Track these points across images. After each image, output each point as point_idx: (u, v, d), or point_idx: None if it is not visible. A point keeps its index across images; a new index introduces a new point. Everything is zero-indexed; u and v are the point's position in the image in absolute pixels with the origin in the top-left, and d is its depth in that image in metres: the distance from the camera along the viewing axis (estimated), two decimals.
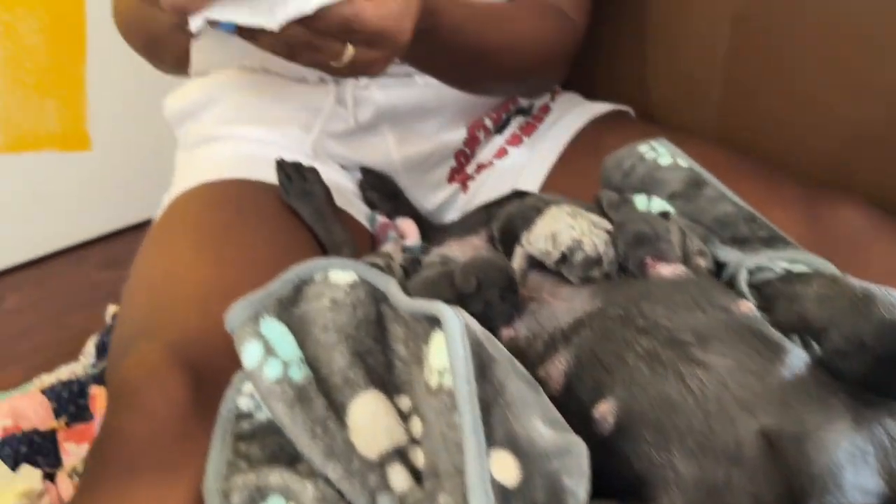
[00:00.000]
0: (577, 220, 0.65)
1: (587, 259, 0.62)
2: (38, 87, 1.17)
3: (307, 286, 0.59)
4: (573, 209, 0.67)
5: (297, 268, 0.60)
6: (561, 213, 0.66)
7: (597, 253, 0.61)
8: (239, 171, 0.82)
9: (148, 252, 0.74)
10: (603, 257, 0.62)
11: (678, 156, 0.74)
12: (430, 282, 0.61)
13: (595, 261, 0.62)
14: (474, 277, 0.58)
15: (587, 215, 0.67)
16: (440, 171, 0.94)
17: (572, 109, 0.95)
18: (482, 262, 0.60)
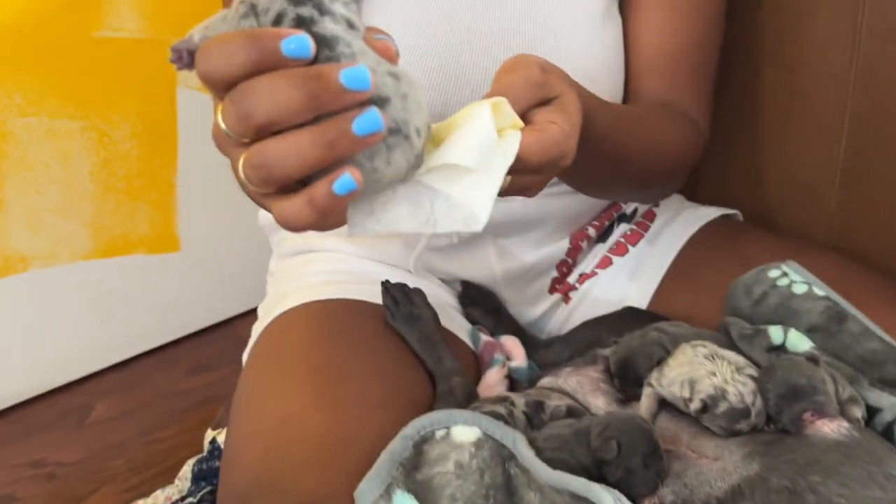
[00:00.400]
0: (717, 363, 0.61)
1: (733, 410, 0.57)
2: (129, 192, 1.18)
3: (429, 445, 0.56)
4: (709, 349, 0.63)
5: (418, 422, 0.57)
6: (697, 356, 0.62)
7: (743, 404, 0.57)
8: (343, 291, 0.80)
9: (255, 387, 0.71)
10: (751, 409, 0.57)
11: (814, 283, 0.69)
12: (563, 440, 0.57)
13: (742, 413, 0.57)
14: (615, 442, 0.54)
15: (725, 355, 0.62)
16: (541, 282, 0.90)
17: (679, 215, 0.91)
18: (622, 422, 0.56)
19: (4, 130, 1.06)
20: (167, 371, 1.21)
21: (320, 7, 0.41)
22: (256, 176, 0.41)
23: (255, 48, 0.39)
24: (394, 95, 0.42)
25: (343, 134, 0.40)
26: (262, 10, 0.41)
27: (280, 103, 0.39)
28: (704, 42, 0.84)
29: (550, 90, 0.52)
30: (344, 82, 0.39)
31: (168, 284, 1.26)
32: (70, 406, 1.14)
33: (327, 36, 0.41)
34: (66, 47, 1.09)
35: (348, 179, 0.40)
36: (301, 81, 0.39)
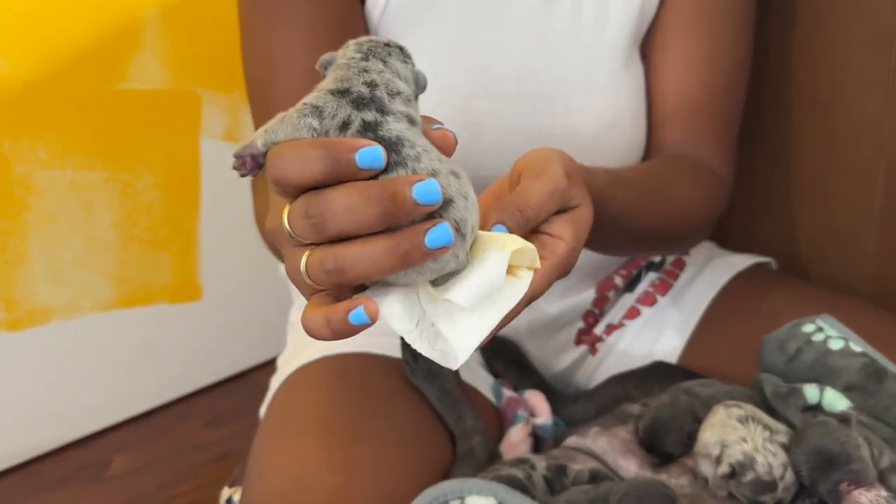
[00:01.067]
0: (749, 427, 0.58)
1: (759, 482, 0.54)
2: (152, 243, 1.18)
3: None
4: (745, 410, 0.60)
5: (430, 493, 0.55)
6: (730, 418, 0.59)
7: (771, 477, 0.54)
8: (362, 344, 0.78)
9: (270, 447, 0.69)
10: (777, 483, 0.54)
11: (851, 338, 0.67)
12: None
13: (768, 486, 0.54)
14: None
15: (760, 418, 0.59)
16: (567, 334, 0.88)
17: (710, 264, 0.88)
18: (642, 490, 0.53)
19: (29, 183, 1.07)
20: (185, 424, 1.20)
21: (383, 109, 0.43)
22: (328, 279, 0.42)
23: (331, 158, 0.41)
24: (457, 196, 0.43)
25: (416, 247, 0.42)
26: (328, 115, 0.43)
27: (356, 219, 0.41)
28: (729, 89, 0.82)
29: (571, 201, 0.52)
30: (417, 198, 0.41)
31: (189, 335, 1.26)
32: (87, 460, 1.13)
33: (392, 139, 0.42)
34: (89, 100, 1.10)
35: (361, 314, 0.42)
36: (377, 200, 0.41)
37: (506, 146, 0.75)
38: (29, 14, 1.04)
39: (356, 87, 0.43)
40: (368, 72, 0.44)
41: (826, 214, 0.90)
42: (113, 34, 1.09)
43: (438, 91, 0.73)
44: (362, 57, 0.45)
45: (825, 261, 0.92)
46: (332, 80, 0.44)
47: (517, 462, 0.62)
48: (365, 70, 0.44)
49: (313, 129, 0.43)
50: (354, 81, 0.43)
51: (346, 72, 0.44)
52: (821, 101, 0.88)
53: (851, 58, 0.84)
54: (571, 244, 0.51)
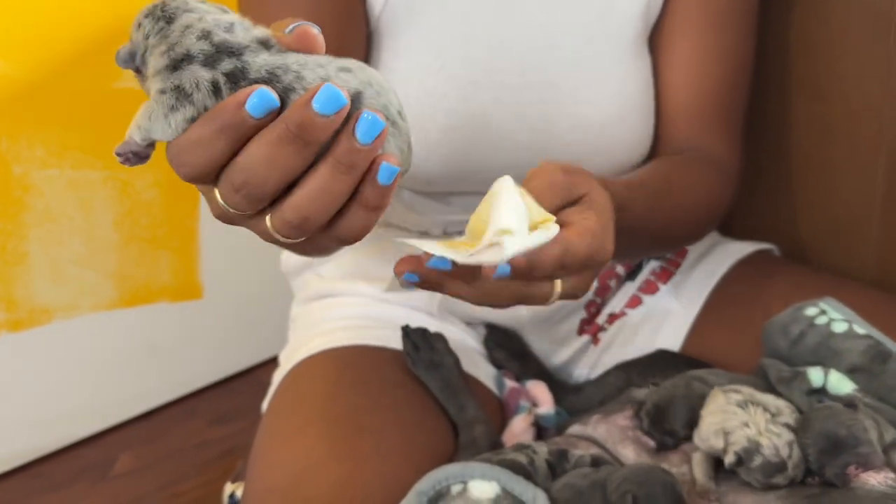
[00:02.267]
0: (750, 411, 0.58)
1: (768, 465, 0.54)
2: (153, 241, 1.18)
3: (444, 501, 0.53)
4: (743, 394, 0.60)
5: (433, 476, 0.55)
6: (729, 403, 0.59)
7: (779, 458, 0.54)
8: (364, 337, 0.79)
9: (272, 440, 0.69)
10: (786, 462, 0.54)
11: (854, 320, 0.66)
12: (578, 491, 0.54)
13: (777, 467, 0.54)
14: (631, 496, 0.51)
15: (761, 400, 0.59)
16: (569, 324, 0.88)
17: (712, 251, 0.88)
18: (641, 475, 0.53)
19: (27, 183, 1.07)
20: (189, 422, 1.20)
21: (233, 50, 0.40)
22: (301, 231, 0.41)
23: (226, 126, 0.39)
24: (362, 86, 0.41)
25: (355, 153, 0.39)
26: (190, 88, 0.40)
27: (281, 166, 0.39)
28: (735, 83, 0.82)
29: (576, 190, 0.51)
30: (321, 111, 0.38)
31: (191, 333, 1.25)
32: (92, 460, 1.13)
33: (264, 76, 0.40)
34: (87, 99, 1.10)
35: (389, 167, 0.40)
36: (287, 136, 0.39)
37: (512, 137, 0.74)
38: (25, 14, 1.03)
39: (194, 47, 0.40)
40: (191, 26, 0.41)
41: (828, 202, 0.90)
42: (109, 33, 1.09)
43: (444, 82, 0.73)
44: (166, 18, 0.41)
45: (828, 248, 0.91)
46: (160, 55, 0.41)
47: (519, 447, 0.62)
48: (187, 26, 0.41)
49: (188, 118, 0.40)
50: (185, 43, 0.40)
51: (166, 40, 0.41)
52: (820, 89, 0.87)
53: (850, 45, 0.84)
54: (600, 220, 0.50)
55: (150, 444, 1.15)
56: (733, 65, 0.81)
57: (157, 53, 0.41)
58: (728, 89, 0.81)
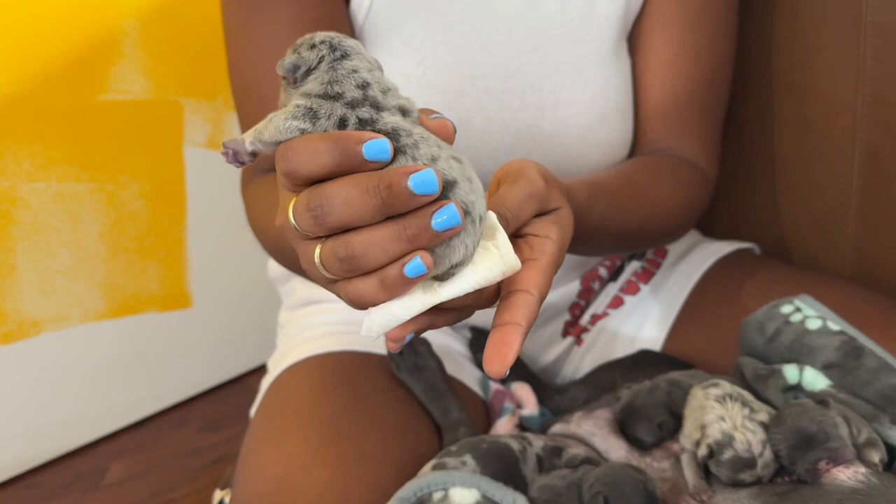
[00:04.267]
0: (727, 406, 0.58)
1: (738, 459, 0.55)
2: (140, 252, 1.19)
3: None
4: (722, 389, 0.61)
5: (415, 484, 0.56)
6: (708, 398, 0.60)
7: (750, 454, 0.54)
8: (349, 342, 0.79)
9: (258, 446, 0.70)
10: (757, 460, 0.54)
11: (828, 317, 0.67)
12: (556, 492, 0.55)
13: (747, 463, 0.54)
14: (602, 497, 0.52)
15: (740, 395, 0.60)
16: (554, 326, 0.88)
17: (692, 251, 0.89)
18: (612, 476, 0.54)
19: (14, 196, 1.08)
20: (181, 430, 1.20)
21: (377, 105, 0.44)
22: (341, 267, 0.43)
23: (339, 150, 0.42)
24: (461, 179, 0.43)
25: (423, 229, 0.42)
26: (323, 115, 0.43)
27: (354, 210, 0.42)
28: (712, 82, 0.82)
29: (550, 203, 0.53)
30: (413, 188, 0.41)
31: (181, 342, 1.26)
32: (84, 469, 1.14)
33: (388, 131, 0.43)
34: (72, 112, 1.10)
35: (419, 263, 0.42)
36: (374, 190, 0.41)
37: (495, 141, 0.75)
38: (8, 28, 1.04)
39: (349, 91, 0.44)
40: (358, 71, 0.44)
41: (805, 198, 0.91)
42: (93, 46, 1.09)
43: (427, 88, 0.73)
44: (343, 55, 0.45)
45: (806, 243, 0.92)
46: (319, 82, 0.44)
47: (517, 436, 0.63)
48: (354, 70, 0.44)
49: (302, 131, 0.43)
50: (346, 85, 0.44)
51: (333, 73, 0.44)
52: (794, 85, 0.88)
53: (822, 41, 0.84)
54: (558, 242, 0.52)
55: (141, 453, 1.16)
56: (709, 65, 0.81)
57: (319, 79, 0.44)
58: (704, 89, 0.82)
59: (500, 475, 0.57)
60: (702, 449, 0.57)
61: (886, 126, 0.82)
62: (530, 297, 0.48)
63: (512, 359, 0.46)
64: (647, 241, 0.79)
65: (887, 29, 0.79)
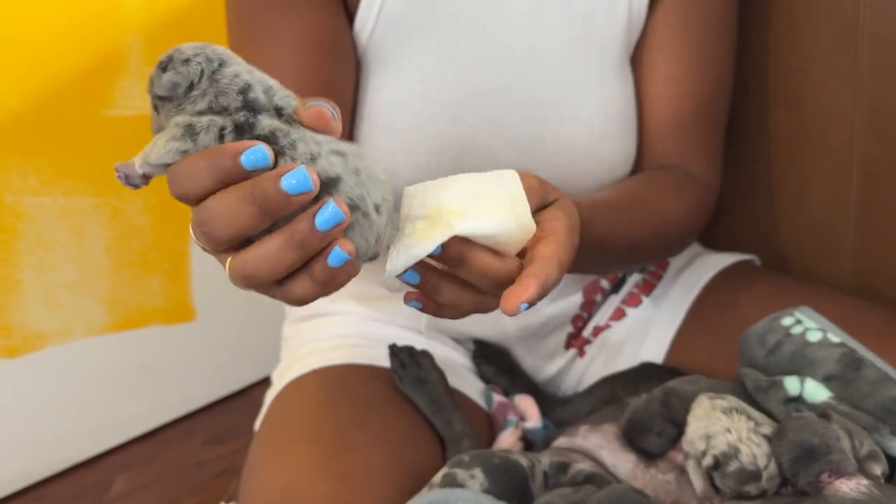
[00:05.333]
0: (734, 418, 0.59)
1: (743, 472, 0.55)
2: (144, 265, 1.19)
3: None
4: (728, 402, 0.61)
5: (417, 501, 0.56)
6: (714, 409, 0.60)
7: (755, 466, 0.55)
8: (352, 356, 0.80)
9: (262, 459, 0.70)
10: (762, 472, 0.55)
11: (829, 329, 0.68)
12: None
13: (752, 475, 0.55)
14: None
15: (746, 410, 0.60)
16: (556, 339, 0.89)
17: (693, 263, 0.89)
18: (615, 498, 0.54)
19: (19, 211, 1.08)
20: (185, 443, 1.21)
21: (258, 107, 0.43)
22: (245, 284, 0.44)
23: (217, 166, 0.41)
24: (344, 173, 0.43)
25: (309, 232, 0.42)
26: (201, 129, 0.43)
27: (238, 221, 0.42)
28: (715, 99, 0.83)
29: (548, 196, 0.54)
30: (287, 190, 0.41)
31: (185, 355, 1.26)
32: (89, 482, 1.14)
33: (265, 135, 0.43)
34: (77, 127, 1.11)
35: (339, 253, 0.42)
36: (250, 198, 0.41)
37: (497, 157, 0.76)
38: (14, 43, 1.05)
39: (233, 101, 0.43)
40: (239, 75, 0.44)
41: (804, 209, 0.91)
42: (98, 62, 1.10)
43: (430, 105, 0.74)
44: (220, 64, 0.44)
45: (805, 255, 0.92)
46: (206, 101, 0.44)
47: (525, 453, 0.63)
48: (235, 75, 0.44)
49: (184, 152, 0.43)
50: (230, 94, 0.43)
51: (217, 86, 0.44)
52: (792, 95, 0.89)
53: (819, 51, 0.85)
54: (567, 221, 0.53)
55: (146, 466, 1.16)
56: (711, 82, 0.82)
57: (205, 96, 0.44)
58: (707, 106, 0.82)
59: (508, 491, 0.58)
60: (707, 459, 0.57)
61: (884, 137, 0.82)
62: (547, 259, 0.49)
63: (525, 299, 0.47)
64: (653, 254, 0.79)
65: (885, 40, 0.80)
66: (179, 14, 1.16)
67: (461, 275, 0.48)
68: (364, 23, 0.74)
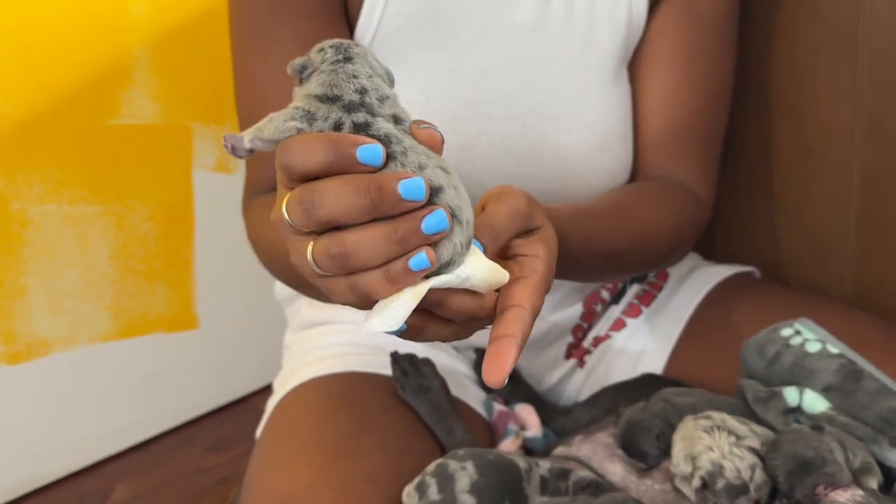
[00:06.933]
0: (716, 436, 0.59)
1: (730, 487, 0.56)
2: (148, 273, 1.20)
3: None
4: (712, 420, 0.61)
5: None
6: (697, 429, 0.60)
7: (740, 480, 0.55)
8: (354, 364, 0.80)
9: (263, 466, 0.70)
10: (748, 484, 0.55)
11: (828, 340, 0.68)
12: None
13: (740, 489, 0.55)
14: None
15: (728, 425, 0.61)
16: (557, 348, 0.89)
17: (693, 274, 0.90)
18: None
19: (25, 218, 1.09)
20: (186, 450, 1.21)
21: (372, 111, 0.46)
22: (333, 264, 0.45)
23: (334, 150, 0.44)
24: (447, 187, 0.45)
25: (413, 232, 0.44)
26: (320, 118, 0.46)
27: (345, 207, 0.44)
28: (711, 110, 0.83)
29: (533, 221, 0.55)
30: (402, 193, 0.43)
31: (187, 363, 1.27)
32: (90, 489, 1.14)
33: (381, 137, 0.45)
34: (83, 136, 1.12)
35: (423, 258, 0.44)
36: (364, 190, 0.43)
37: (497, 167, 0.76)
38: (22, 53, 1.06)
39: (347, 94, 0.46)
40: (358, 77, 0.47)
41: (804, 221, 0.92)
42: (104, 71, 1.11)
43: (430, 115, 0.74)
44: (346, 59, 0.47)
45: (805, 267, 0.93)
46: (319, 84, 0.47)
47: (525, 457, 0.63)
48: (354, 75, 0.47)
49: (299, 131, 0.45)
50: (345, 88, 0.46)
51: (334, 77, 0.46)
52: (794, 111, 0.89)
53: (819, 65, 0.86)
54: (547, 259, 0.53)
55: (147, 473, 1.16)
56: (708, 94, 0.83)
57: (319, 80, 0.47)
58: (703, 118, 0.83)
59: (498, 487, 0.58)
60: (695, 481, 0.58)
61: (884, 151, 0.83)
62: (523, 310, 0.49)
63: (509, 368, 0.48)
64: (639, 264, 0.79)
65: (884, 56, 0.80)
66: (185, 24, 1.17)
67: (440, 314, 0.49)
68: (364, 34, 0.75)
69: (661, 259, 0.80)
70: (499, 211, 0.52)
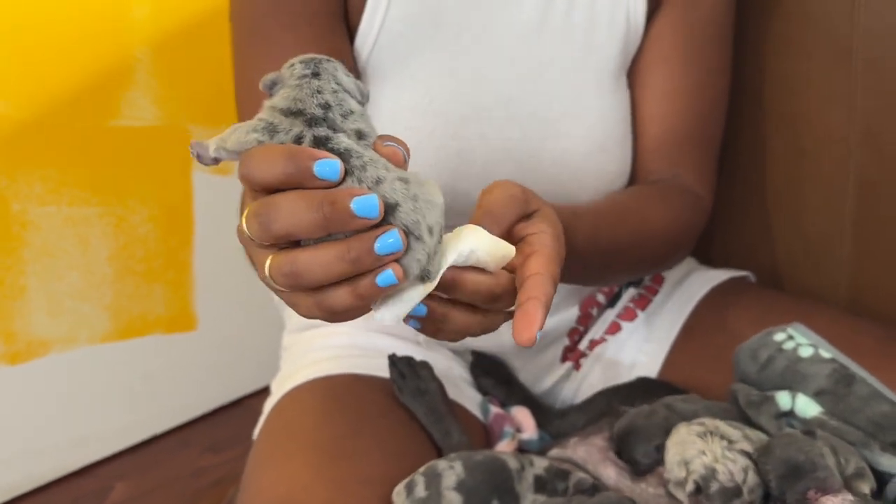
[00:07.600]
0: (708, 441, 0.60)
1: (724, 490, 0.56)
2: (147, 274, 1.21)
3: None
4: (706, 426, 0.62)
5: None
6: (690, 434, 0.61)
7: (734, 482, 0.56)
8: (352, 366, 0.80)
9: (260, 467, 0.71)
10: (741, 487, 0.56)
11: (820, 345, 0.69)
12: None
13: (734, 492, 0.56)
14: None
15: (720, 430, 0.61)
16: (553, 352, 0.90)
17: (688, 278, 0.90)
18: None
19: (25, 220, 1.10)
20: (184, 451, 1.21)
21: (334, 126, 0.46)
22: (285, 281, 0.45)
23: (293, 163, 0.44)
24: (403, 200, 0.45)
25: (366, 253, 0.44)
26: (282, 130, 0.46)
27: (299, 221, 0.44)
28: (710, 116, 0.84)
29: (530, 205, 0.55)
30: (355, 210, 0.43)
31: (185, 364, 1.27)
32: (88, 489, 1.14)
33: (340, 151, 0.45)
34: (83, 137, 1.13)
35: (390, 275, 0.45)
36: (318, 205, 0.43)
37: (497, 170, 0.77)
38: (23, 54, 1.06)
39: (310, 108, 0.46)
40: (322, 92, 0.47)
41: (799, 226, 0.92)
42: (105, 73, 1.12)
43: (432, 119, 0.75)
44: (313, 74, 0.47)
45: (800, 272, 0.94)
46: (284, 98, 0.47)
47: (518, 455, 0.64)
48: (318, 91, 0.47)
49: (260, 143, 0.46)
50: (308, 103, 0.46)
51: (299, 92, 0.47)
52: (790, 117, 0.90)
53: (813, 72, 0.86)
54: (553, 233, 0.54)
55: (145, 474, 1.16)
56: (706, 100, 0.83)
57: (284, 94, 0.47)
58: (701, 124, 0.84)
59: (486, 486, 0.59)
60: (689, 485, 0.58)
61: (879, 157, 0.84)
62: (541, 276, 0.50)
63: (538, 326, 0.48)
64: (642, 263, 0.80)
65: (878, 63, 0.81)
66: (186, 27, 1.18)
67: (458, 297, 0.49)
68: (365, 38, 0.75)
69: (662, 259, 0.81)
70: (495, 197, 0.53)
